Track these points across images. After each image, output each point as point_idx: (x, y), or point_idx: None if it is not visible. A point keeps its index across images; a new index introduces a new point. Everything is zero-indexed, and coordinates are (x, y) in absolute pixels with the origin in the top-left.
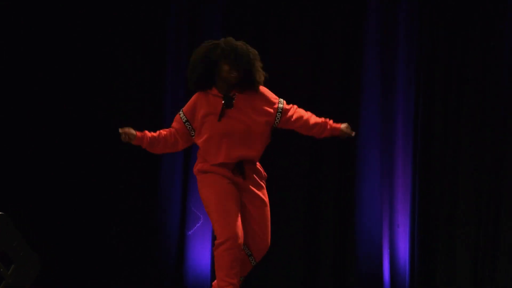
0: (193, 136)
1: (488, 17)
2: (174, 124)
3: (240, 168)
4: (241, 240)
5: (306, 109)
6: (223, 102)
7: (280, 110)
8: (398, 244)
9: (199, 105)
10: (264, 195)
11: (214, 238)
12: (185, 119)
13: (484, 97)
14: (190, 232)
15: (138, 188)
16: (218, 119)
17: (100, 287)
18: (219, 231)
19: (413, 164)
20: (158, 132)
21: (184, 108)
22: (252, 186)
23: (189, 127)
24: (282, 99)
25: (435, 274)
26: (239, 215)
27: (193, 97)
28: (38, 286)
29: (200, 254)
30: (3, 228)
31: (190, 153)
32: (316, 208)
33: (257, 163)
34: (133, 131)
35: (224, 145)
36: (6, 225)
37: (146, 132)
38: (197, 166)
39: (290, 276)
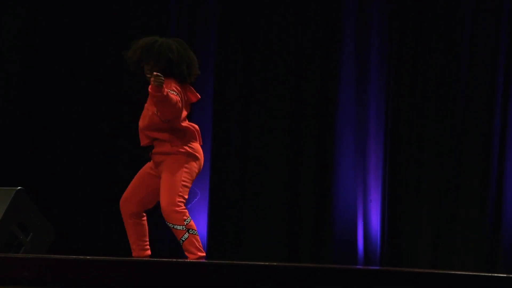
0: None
1: (450, 16)
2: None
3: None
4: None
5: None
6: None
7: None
8: (371, 216)
9: None
10: (167, 168)
11: (210, 212)
12: None
13: (446, 87)
14: (188, 206)
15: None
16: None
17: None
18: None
19: (384, 146)
20: None
21: None
22: (159, 162)
23: None
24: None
25: (402, 242)
26: (134, 191)
27: None
28: (53, 252)
29: (197, 225)
30: (22, 201)
31: None
32: (298, 183)
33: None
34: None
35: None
36: (24, 198)
37: None
38: None
39: (274, 242)
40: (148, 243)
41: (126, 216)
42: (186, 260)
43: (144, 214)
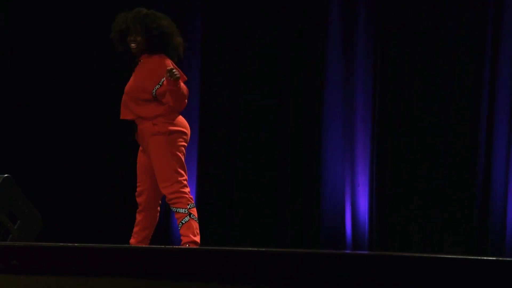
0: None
1: (435, 14)
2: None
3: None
4: (140, 199)
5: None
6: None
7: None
8: (359, 201)
9: None
10: (155, 152)
11: (198, 197)
12: None
13: (433, 73)
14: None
15: (131, 158)
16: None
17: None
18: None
19: (371, 130)
20: None
21: None
22: (144, 144)
23: None
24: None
25: (390, 226)
26: (143, 181)
27: None
28: (41, 241)
29: None
30: (9, 188)
31: None
32: (286, 169)
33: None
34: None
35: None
36: (11, 186)
37: None
38: None
39: (263, 228)
40: (150, 237)
41: (141, 207)
42: (174, 247)
43: (159, 207)
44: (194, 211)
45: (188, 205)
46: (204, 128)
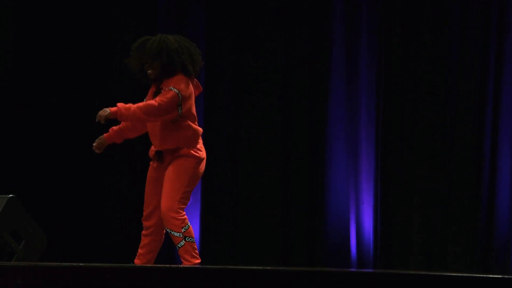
0: None
1: (439, 8)
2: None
3: (158, 155)
4: (148, 223)
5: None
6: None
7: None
8: (363, 219)
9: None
10: (174, 168)
11: (202, 217)
12: None
13: (436, 83)
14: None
15: (134, 171)
16: None
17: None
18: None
19: (375, 148)
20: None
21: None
22: (166, 161)
23: None
24: (173, 88)
25: (395, 244)
26: (154, 201)
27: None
28: (45, 260)
29: None
30: (13, 208)
31: None
32: (290, 187)
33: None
34: (105, 113)
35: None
36: (16, 206)
37: (120, 104)
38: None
39: (267, 246)
40: (154, 259)
41: (148, 231)
42: (177, 266)
43: (164, 230)
44: (189, 232)
45: (182, 228)
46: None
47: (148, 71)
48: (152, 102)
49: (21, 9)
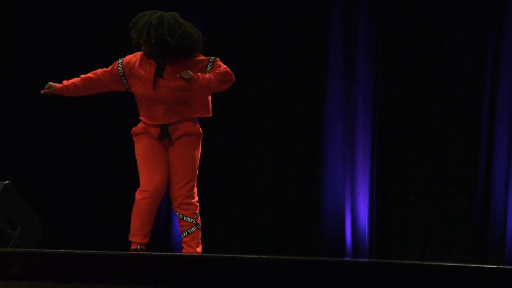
0: (128, 89)
1: (437, 8)
2: (109, 71)
3: (164, 131)
4: (159, 192)
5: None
6: (155, 71)
7: (212, 61)
8: (359, 210)
9: (138, 65)
10: (187, 148)
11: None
12: (122, 73)
13: (433, 79)
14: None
15: (132, 161)
16: (153, 88)
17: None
18: (143, 182)
19: (372, 139)
20: (82, 78)
21: (124, 61)
22: (177, 142)
23: (124, 81)
24: (213, 57)
25: (390, 234)
26: (164, 171)
27: (138, 54)
28: (41, 247)
29: None
30: (9, 195)
31: None
32: (286, 178)
33: (190, 121)
34: (52, 87)
35: (150, 108)
36: (11, 192)
37: (67, 82)
38: (135, 129)
39: (263, 237)
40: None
41: (153, 201)
42: (178, 254)
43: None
44: (199, 220)
45: (195, 214)
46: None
47: (144, 51)
48: (224, 70)
49: (21, 9)
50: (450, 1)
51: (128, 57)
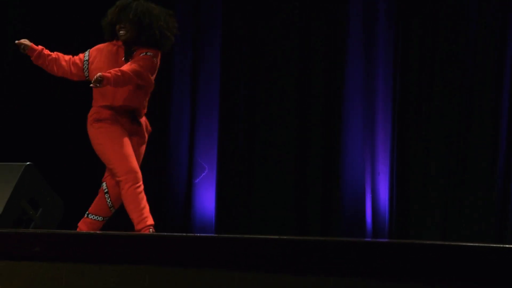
0: (87, 76)
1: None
2: (77, 58)
3: (133, 116)
4: (140, 175)
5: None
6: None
7: (143, 54)
8: (379, 190)
9: (101, 52)
10: (141, 140)
11: (218, 186)
12: (87, 57)
13: (454, 62)
14: (196, 181)
15: (150, 142)
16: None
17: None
18: (120, 169)
19: (392, 118)
20: (57, 55)
21: (92, 49)
22: (139, 130)
23: (85, 67)
24: (149, 53)
25: (411, 214)
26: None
27: (104, 44)
28: (62, 228)
29: (205, 199)
30: (31, 176)
31: (196, 110)
32: (306, 157)
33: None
34: (28, 42)
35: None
36: (33, 173)
37: (44, 49)
38: (93, 116)
39: (283, 217)
40: None
41: (140, 184)
42: (195, 235)
43: None
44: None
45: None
46: (223, 117)
47: (121, 32)
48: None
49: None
50: None
51: (96, 47)
